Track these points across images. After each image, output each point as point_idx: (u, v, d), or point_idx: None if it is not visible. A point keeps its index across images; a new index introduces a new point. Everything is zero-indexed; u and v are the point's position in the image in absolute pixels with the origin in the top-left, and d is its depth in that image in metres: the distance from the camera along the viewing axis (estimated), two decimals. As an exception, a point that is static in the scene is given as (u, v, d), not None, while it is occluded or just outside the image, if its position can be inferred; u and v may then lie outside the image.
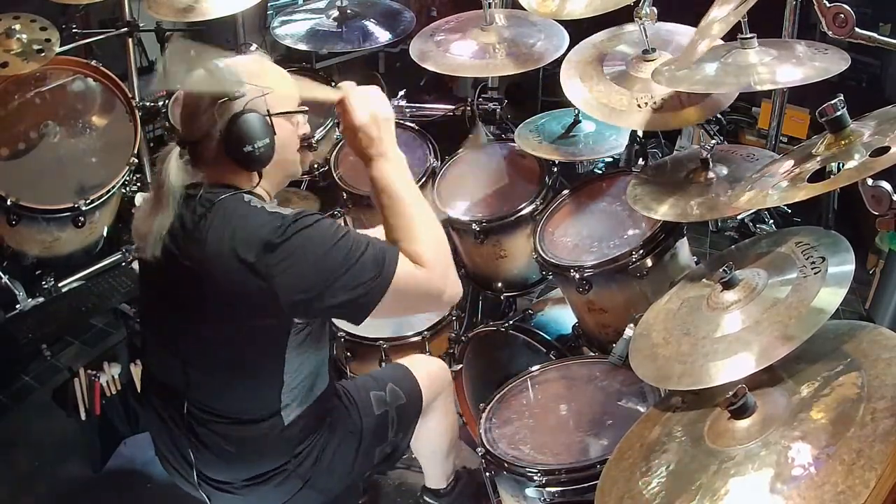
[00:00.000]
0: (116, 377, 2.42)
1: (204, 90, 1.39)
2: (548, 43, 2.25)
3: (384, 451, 1.72)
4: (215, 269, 1.35)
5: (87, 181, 2.51)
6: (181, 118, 1.45)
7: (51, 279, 2.70)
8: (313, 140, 2.66)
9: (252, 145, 1.38)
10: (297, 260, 1.32)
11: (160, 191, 1.40)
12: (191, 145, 1.42)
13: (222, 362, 1.45)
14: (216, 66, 1.41)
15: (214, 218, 1.37)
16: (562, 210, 2.14)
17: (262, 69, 1.48)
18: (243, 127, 1.37)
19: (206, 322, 1.42)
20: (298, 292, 1.34)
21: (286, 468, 1.51)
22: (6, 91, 2.48)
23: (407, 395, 1.75)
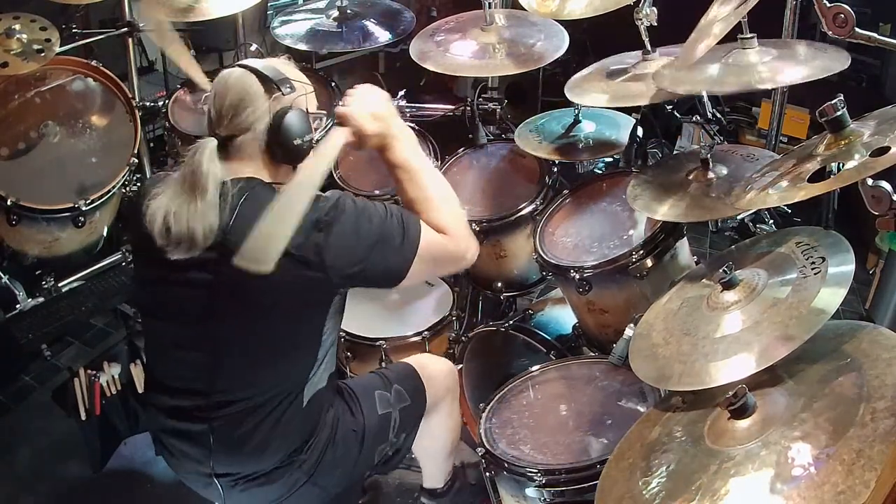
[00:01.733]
0: (116, 377, 2.42)
1: (252, 84, 1.44)
2: (548, 43, 2.25)
3: (385, 451, 1.73)
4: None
5: (87, 181, 2.51)
6: (221, 112, 1.45)
7: (51, 279, 2.70)
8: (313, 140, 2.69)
9: (301, 139, 1.48)
10: (345, 236, 1.41)
11: (197, 178, 1.37)
12: (229, 139, 1.45)
13: (265, 348, 1.46)
14: (258, 64, 1.48)
15: (258, 206, 1.38)
16: (562, 210, 2.14)
17: (294, 73, 1.54)
18: (293, 121, 1.46)
19: (255, 311, 1.43)
20: (349, 266, 1.42)
21: (295, 460, 1.52)
22: (6, 91, 2.48)
23: (412, 397, 1.76)
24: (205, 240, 1.37)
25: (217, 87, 1.47)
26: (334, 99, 2.77)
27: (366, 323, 2.38)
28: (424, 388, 1.79)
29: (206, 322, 1.45)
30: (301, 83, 1.51)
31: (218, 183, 1.39)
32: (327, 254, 1.39)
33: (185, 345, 1.49)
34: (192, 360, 1.48)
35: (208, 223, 1.37)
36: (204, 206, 1.36)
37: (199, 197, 1.37)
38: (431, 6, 3.86)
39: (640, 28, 1.92)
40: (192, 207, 1.37)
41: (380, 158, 1.63)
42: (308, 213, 1.37)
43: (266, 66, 1.48)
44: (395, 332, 2.38)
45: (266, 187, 1.45)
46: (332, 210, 1.42)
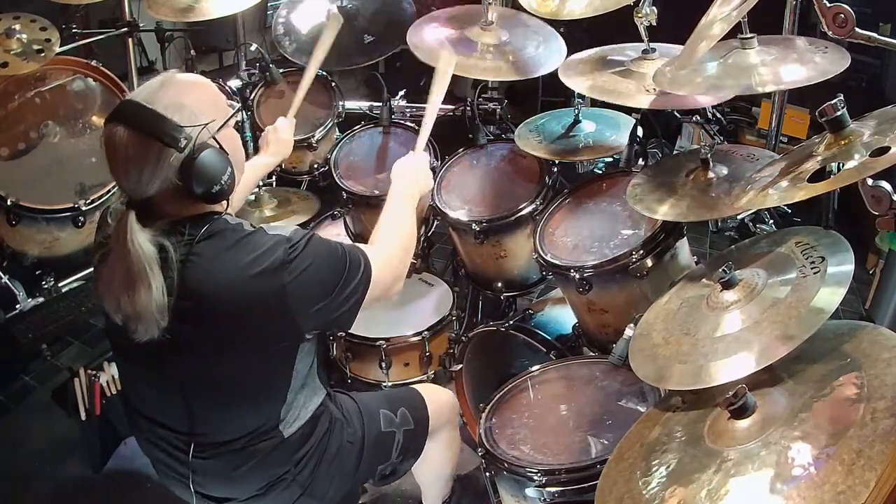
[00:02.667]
0: (116, 377, 2.42)
1: (140, 150, 1.28)
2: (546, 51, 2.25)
3: (384, 470, 1.75)
4: (227, 296, 1.31)
5: (87, 181, 2.51)
6: (121, 182, 1.32)
7: (51, 279, 2.70)
8: (313, 140, 2.70)
9: (218, 183, 1.33)
10: (309, 275, 1.35)
11: (130, 266, 1.26)
12: (144, 202, 1.31)
13: (233, 392, 1.42)
14: (140, 116, 1.29)
15: (213, 248, 1.32)
16: (562, 210, 2.14)
17: (183, 93, 1.34)
18: (202, 171, 1.31)
19: (219, 355, 1.37)
20: (312, 305, 1.37)
21: (286, 477, 1.51)
22: (6, 91, 2.48)
23: (416, 421, 1.77)
24: (157, 320, 1.28)
25: (107, 153, 1.31)
26: (334, 99, 2.77)
27: (366, 323, 2.38)
28: (428, 415, 1.80)
29: (172, 367, 1.40)
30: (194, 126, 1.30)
31: (154, 259, 1.27)
32: (291, 295, 1.34)
33: (155, 384, 1.45)
34: (165, 399, 1.45)
35: (157, 305, 1.27)
36: (148, 293, 1.26)
37: (140, 285, 1.26)
38: (431, 5, 3.86)
39: (640, 27, 1.92)
40: (136, 297, 1.27)
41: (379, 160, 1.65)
42: (273, 252, 1.33)
43: (150, 117, 1.28)
44: (395, 332, 2.39)
45: (216, 227, 1.35)
46: (298, 252, 1.35)
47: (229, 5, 2.49)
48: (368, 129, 2.72)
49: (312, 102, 2.80)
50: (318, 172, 2.75)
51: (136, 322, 1.29)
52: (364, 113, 2.93)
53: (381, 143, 2.67)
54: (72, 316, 2.96)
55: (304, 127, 2.69)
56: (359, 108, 2.95)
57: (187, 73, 1.43)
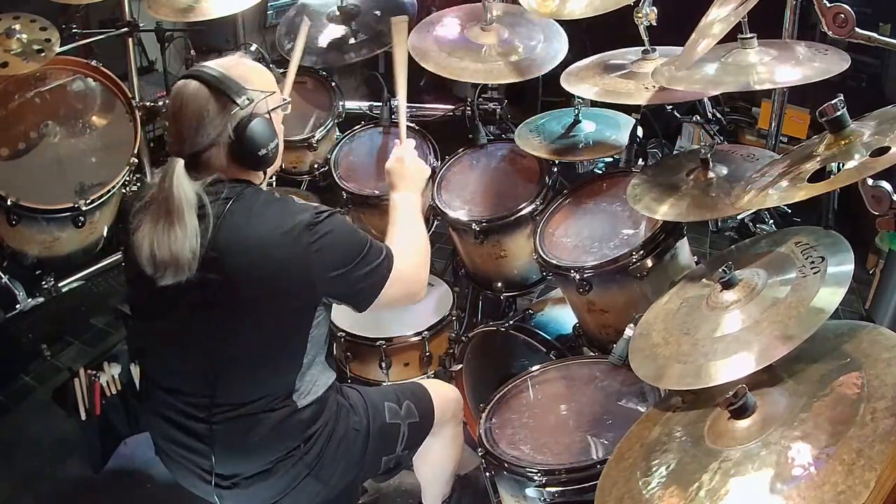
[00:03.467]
0: (116, 377, 2.42)
1: (208, 100, 1.42)
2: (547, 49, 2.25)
3: (389, 463, 1.75)
4: (256, 254, 1.41)
5: (87, 181, 2.50)
6: (182, 130, 1.44)
7: (51, 279, 2.69)
8: (313, 140, 2.70)
9: (265, 148, 1.48)
10: (332, 240, 1.45)
11: (171, 206, 1.37)
12: (194, 155, 1.44)
13: (254, 351, 1.48)
14: (212, 75, 1.44)
15: (244, 207, 1.43)
16: (562, 210, 2.14)
17: (251, 70, 1.53)
18: (255, 132, 1.45)
19: (244, 311, 1.44)
20: (333, 268, 1.46)
21: (295, 453, 1.53)
22: (6, 91, 2.47)
23: (421, 415, 1.79)
24: (189, 264, 1.38)
25: (173, 105, 1.46)
26: (334, 99, 2.77)
27: (366, 323, 2.38)
28: (433, 409, 1.82)
29: (197, 323, 1.47)
30: (259, 91, 1.49)
31: (193, 204, 1.39)
32: (314, 254, 1.43)
33: (179, 344, 1.50)
34: (188, 360, 1.50)
35: (191, 248, 1.37)
36: (185, 232, 1.37)
37: (178, 223, 1.37)
38: (431, 5, 3.86)
39: (640, 28, 1.92)
40: (172, 235, 1.37)
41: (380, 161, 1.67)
42: (300, 215, 1.43)
43: (221, 75, 1.45)
44: (395, 332, 2.39)
45: (251, 191, 1.47)
46: (324, 216, 1.46)
47: (229, 5, 2.49)
48: (368, 129, 2.72)
49: (312, 102, 2.80)
50: (318, 172, 2.76)
51: (166, 266, 1.38)
52: (364, 113, 2.93)
53: (381, 143, 2.68)
54: (72, 316, 2.97)
55: (304, 127, 2.69)
56: (359, 108, 2.95)
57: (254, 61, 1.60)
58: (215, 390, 1.48)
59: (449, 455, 1.95)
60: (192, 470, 1.56)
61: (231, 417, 1.49)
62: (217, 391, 1.48)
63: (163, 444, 1.59)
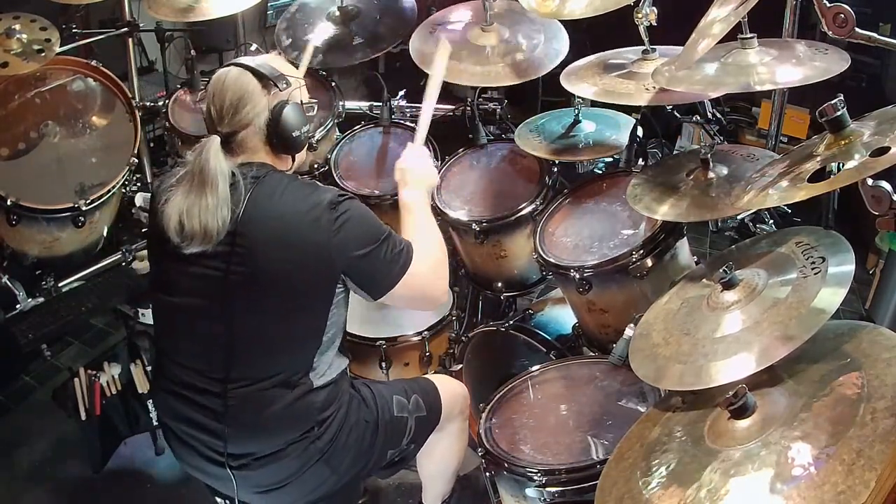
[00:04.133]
0: (116, 377, 2.43)
1: (250, 82, 1.52)
2: (547, 46, 2.25)
3: (394, 456, 1.76)
4: (280, 230, 1.46)
5: (87, 181, 2.51)
6: (221, 110, 1.52)
7: (51, 279, 2.69)
8: (313, 140, 2.70)
9: (299, 130, 1.57)
10: (353, 220, 1.50)
11: (205, 177, 1.44)
12: (230, 135, 1.52)
13: (273, 325, 1.51)
14: (254, 62, 1.55)
15: (270, 186, 1.50)
16: (562, 210, 2.14)
17: (283, 67, 1.62)
18: (290, 115, 1.55)
19: (267, 285, 1.48)
20: (353, 248, 1.50)
21: (308, 436, 1.54)
22: (6, 91, 2.48)
23: (428, 409, 1.79)
24: (217, 232, 1.44)
25: (215, 87, 1.54)
26: (335, 99, 2.77)
27: (366, 323, 2.38)
28: (441, 404, 1.82)
29: (219, 295, 1.50)
30: (294, 77, 1.60)
31: (227, 176, 1.46)
32: (335, 232, 1.47)
33: (200, 317, 1.53)
34: (208, 335, 1.52)
35: (221, 217, 1.44)
36: (216, 201, 1.43)
37: (210, 193, 1.43)
38: (431, 6, 3.85)
39: (640, 28, 1.92)
40: (203, 203, 1.43)
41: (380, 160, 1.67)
42: (324, 195, 1.49)
43: (261, 64, 1.55)
44: (395, 332, 2.39)
45: (277, 173, 1.55)
46: (345, 200, 1.52)
47: (229, 5, 2.49)
48: (368, 129, 2.72)
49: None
50: (318, 172, 2.75)
51: (193, 235, 1.43)
52: (364, 113, 2.93)
53: (381, 143, 2.68)
54: (72, 316, 2.97)
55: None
56: (359, 108, 2.95)
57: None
58: (233, 364, 1.50)
59: (453, 451, 1.95)
60: (201, 452, 1.56)
61: (247, 393, 1.50)
62: (235, 365, 1.51)
63: (173, 424, 1.60)
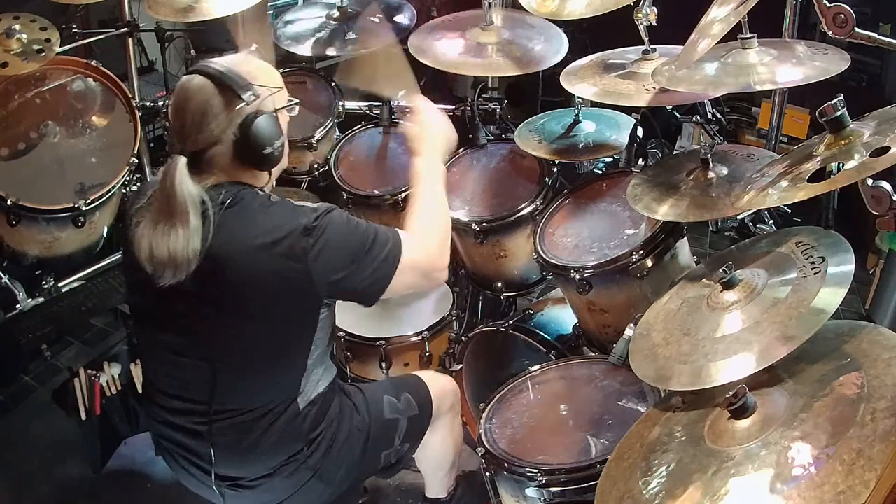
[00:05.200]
0: (116, 377, 2.42)
1: (212, 96, 1.39)
2: (547, 46, 2.25)
3: (389, 458, 1.75)
4: (254, 262, 1.38)
5: (87, 181, 2.50)
6: (185, 127, 1.40)
7: (51, 279, 2.69)
8: (313, 140, 2.70)
9: (271, 146, 1.44)
10: (331, 242, 1.41)
11: (173, 205, 1.34)
12: (197, 154, 1.40)
13: (255, 357, 1.46)
14: (218, 70, 1.40)
15: (242, 214, 1.40)
16: (562, 210, 2.14)
17: (258, 68, 1.49)
18: (260, 129, 1.41)
19: (243, 320, 1.43)
20: (333, 272, 1.42)
21: (298, 457, 1.53)
22: (6, 91, 2.47)
23: (419, 407, 1.78)
24: (187, 264, 1.35)
25: (177, 100, 1.42)
26: (335, 98, 2.77)
27: (366, 323, 2.38)
28: (431, 401, 1.81)
29: (196, 332, 1.45)
30: (265, 87, 1.45)
31: (197, 204, 1.35)
32: (314, 259, 1.39)
33: (179, 352, 1.48)
34: (188, 367, 1.48)
35: (192, 249, 1.34)
36: (186, 233, 1.33)
37: (180, 223, 1.33)
38: (431, 6, 3.85)
39: (640, 27, 1.92)
40: (173, 235, 1.33)
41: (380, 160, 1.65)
42: (298, 220, 1.39)
43: (227, 71, 1.41)
44: (395, 332, 2.38)
45: (250, 195, 1.44)
46: (322, 218, 1.42)
47: (229, 5, 2.49)
48: (368, 129, 2.72)
49: (312, 102, 2.80)
50: (318, 172, 2.75)
51: (165, 266, 1.35)
52: (364, 113, 2.93)
53: (381, 143, 2.68)
54: (72, 316, 2.96)
55: (304, 127, 2.69)
56: (359, 108, 2.95)
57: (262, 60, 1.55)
58: (215, 396, 1.46)
59: (448, 446, 1.94)
60: (194, 473, 1.56)
61: (233, 424, 1.47)
62: (217, 397, 1.46)
63: (165, 444, 1.59)
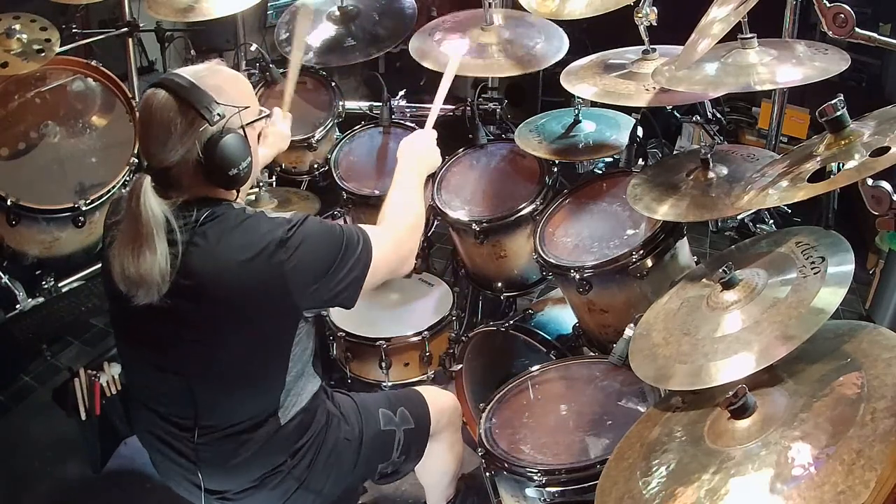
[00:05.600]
0: (116, 377, 2.42)
1: (175, 114, 1.33)
2: (548, 45, 2.25)
3: (386, 469, 1.75)
4: (231, 279, 1.35)
5: (87, 181, 2.50)
6: (149, 144, 1.36)
7: (51, 279, 2.69)
8: (313, 140, 2.70)
9: (237, 167, 1.38)
10: (306, 254, 1.38)
11: (139, 227, 1.30)
12: (162, 171, 1.36)
13: (233, 374, 1.44)
14: (182, 85, 1.34)
15: (216, 231, 1.36)
16: (562, 210, 2.14)
17: (226, 80, 1.43)
18: (226, 151, 1.36)
19: (220, 337, 1.40)
20: (310, 283, 1.40)
21: (282, 468, 1.52)
22: (6, 91, 2.47)
23: (416, 420, 1.77)
24: (158, 286, 1.32)
25: (142, 115, 1.38)
26: (335, 98, 2.77)
27: (366, 323, 2.38)
28: (429, 416, 1.80)
29: (172, 348, 1.43)
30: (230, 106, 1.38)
31: (162, 225, 1.31)
32: (289, 273, 1.37)
33: (155, 366, 1.47)
34: (165, 381, 1.46)
35: (160, 270, 1.31)
36: (153, 256, 1.30)
37: (146, 245, 1.30)
38: (431, 6, 3.86)
39: (640, 28, 1.92)
40: (141, 258, 1.30)
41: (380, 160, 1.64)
42: (272, 233, 1.37)
43: (191, 87, 1.34)
44: (395, 332, 2.39)
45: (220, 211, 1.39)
46: (295, 230, 1.39)
47: (229, 5, 2.49)
48: (368, 129, 2.72)
49: (312, 102, 2.80)
50: (318, 172, 2.75)
51: (138, 287, 1.32)
52: (364, 113, 2.93)
53: (381, 143, 2.68)
54: (72, 316, 2.96)
55: (304, 127, 2.69)
56: (359, 108, 2.95)
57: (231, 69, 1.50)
58: (196, 412, 1.44)
59: (447, 462, 1.94)
60: (182, 484, 1.56)
61: (215, 438, 1.46)
62: (198, 413, 1.45)
63: (154, 455, 1.58)
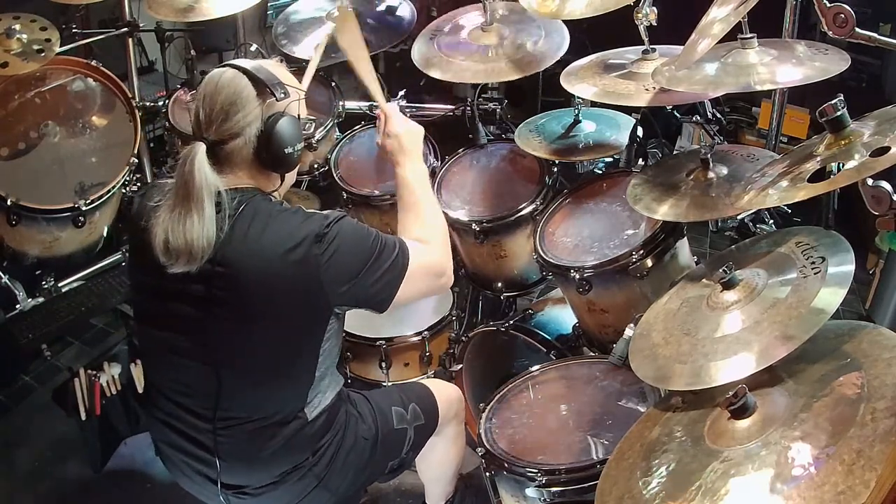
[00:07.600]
0: (116, 377, 2.42)
1: (245, 87, 1.39)
2: (548, 42, 2.25)
3: (393, 465, 1.75)
4: (266, 269, 1.36)
5: (87, 181, 2.51)
6: (211, 114, 1.39)
7: (51, 279, 2.70)
8: (313, 140, 2.70)
9: (292, 147, 1.43)
10: (341, 251, 1.39)
11: (190, 190, 1.32)
12: (217, 144, 1.39)
13: (263, 365, 1.44)
14: (252, 66, 1.42)
15: (257, 220, 1.38)
16: (562, 210, 2.14)
17: (284, 76, 1.49)
18: (285, 128, 1.41)
19: (252, 326, 1.40)
20: (343, 281, 1.41)
21: (304, 465, 1.52)
22: (6, 91, 2.48)
23: (426, 416, 1.78)
24: (203, 252, 1.33)
25: (206, 88, 1.41)
26: (335, 98, 2.77)
27: (366, 323, 2.38)
28: (438, 410, 1.81)
29: (203, 336, 1.43)
30: (294, 88, 1.46)
31: (213, 193, 1.34)
32: (324, 267, 1.38)
33: (184, 354, 1.46)
34: (192, 370, 1.46)
35: (207, 235, 1.33)
36: (201, 219, 1.32)
37: (196, 210, 1.32)
38: (431, 6, 3.86)
39: (640, 28, 1.92)
40: (188, 221, 1.32)
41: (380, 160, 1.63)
42: (309, 227, 1.38)
43: (258, 69, 1.42)
44: (395, 332, 2.39)
45: (263, 201, 1.43)
46: (332, 226, 1.40)
47: (229, 5, 2.49)
48: (368, 129, 2.72)
49: (312, 102, 2.80)
50: (318, 172, 2.75)
51: (180, 253, 1.33)
52: (364, 113, 2.93)
53: (382, 143, 2.67)
54: (72, 316, 2.96)
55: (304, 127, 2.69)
56: (359, 108, 2.95)
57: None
58: (220, 402, 1.44)
59: (451, 455, 1.95)
60: (195, 479, 1.55)
61: (238, 431, 1.46)
62: (222, 403, 1.44)
63: (166, 449, 1.57)
